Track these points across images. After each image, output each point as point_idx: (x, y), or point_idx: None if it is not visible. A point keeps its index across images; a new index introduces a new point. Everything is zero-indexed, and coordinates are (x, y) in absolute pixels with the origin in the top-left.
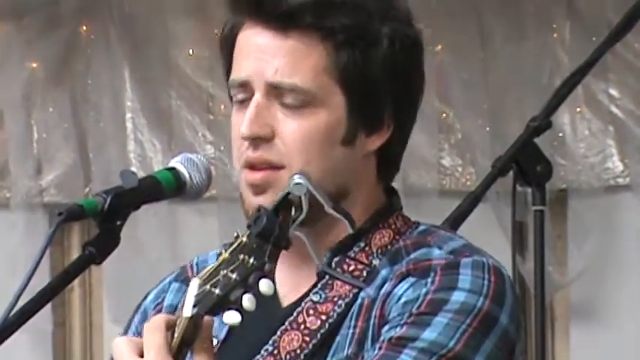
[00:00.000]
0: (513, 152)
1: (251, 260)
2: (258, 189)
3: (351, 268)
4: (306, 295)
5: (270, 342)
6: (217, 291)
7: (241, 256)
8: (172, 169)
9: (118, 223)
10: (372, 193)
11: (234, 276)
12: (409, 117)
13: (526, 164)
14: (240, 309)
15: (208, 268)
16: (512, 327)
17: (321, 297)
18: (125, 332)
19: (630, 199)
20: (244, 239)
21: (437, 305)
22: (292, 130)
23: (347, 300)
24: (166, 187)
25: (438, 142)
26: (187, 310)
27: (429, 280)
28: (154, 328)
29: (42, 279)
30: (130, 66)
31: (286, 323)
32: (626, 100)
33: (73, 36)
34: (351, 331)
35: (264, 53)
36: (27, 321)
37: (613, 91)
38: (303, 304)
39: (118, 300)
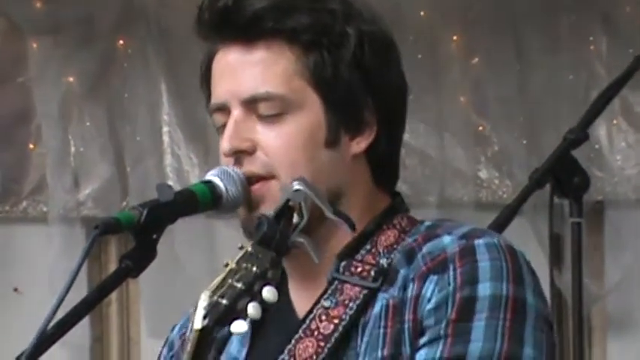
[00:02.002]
0: (551, 164)
1: (254, 268)
2: (252, 204)
3: (359, 269)
4: (318, 301)
5: (286, 351)
6: (224, 301)
7: (245, 265)
8: (208, 182)
9: (155, 236)
10: (370, 195)
11: (239, 285)
12: (394, 117)
13: (563, 176)
14: (246, 318)
15: (217, 279)
16: (539, 303)
17: (332, 302)
18: None
19: None
20: (249, 248)
21: (468, 308)
22: (272, 139)
23: (358, 302)
24: (202, 200)
25: (474, 154)
26: (197, 323)
27: (451, 274)
28: None
29: (79, 293)
30: (167, 80)
31: (300, 331)
32: None
33: (110, 50)
34: (381, 331)
35: (235, 71)
36: (64, 334)
37: None
38: (315, 310)
39: (155, 314)
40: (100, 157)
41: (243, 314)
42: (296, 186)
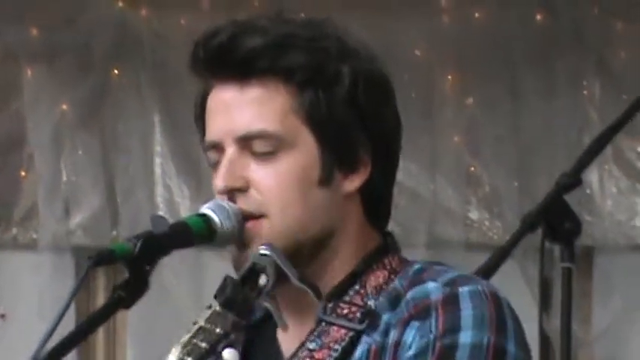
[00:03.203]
0: (542, 208)
1: (217, 329)
2: (244, 241)
3: (345, 311)
4: (304, 343)
5: None
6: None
7: (209, 325)
8: (203, 216)
9: (148, 268)
10: (362, 235)
11: (203, 345)
12: (388, 155)
13: (555, 221)
14: None
15: (186, 336)
16: (520, 353)
17: (317, 344)
18: None
19: None
20: (217, 308)
21: (448, 356)
22: (266, 177)
23: (343, 344)
24: (197, 234)
25: (465, 195)
26: None
27: (432, 322)
28: None
29: (67, 319)
30: (160, 111)
31: None
32: None
33: (104, 80)
34: None
35: (229, 109)
36: None
37: None
38: (300, 352)
39: (141, 343)
40: (92, 186)
41: None
42: (262, 250)
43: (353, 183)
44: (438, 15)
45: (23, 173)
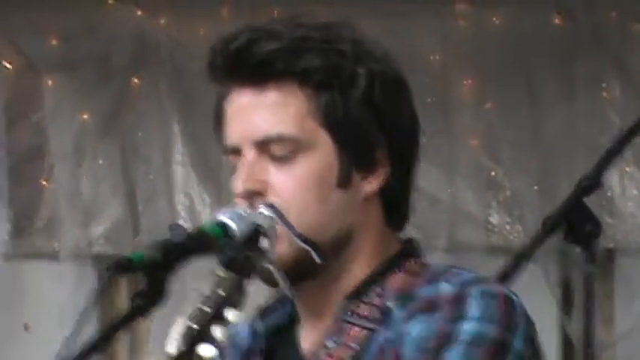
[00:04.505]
0: (563, 211)
1: (220, 292)
2: None
3: (365, 312)
4: (323, 343)
5: None
6: (195, 325)
7: (214, 290)
8: (221, 223)
9: (166, 276)
10: (382, 237)
11: (208, 310)
12: (406, 156)
13: (576, 223)
14: (212, 341)
15: (193, 305)
16: (528, 351)
17: (335, 343)
18: None
19: None
20: (220, 273)
21: (449, 339)
22: (284, 180)
23: (360, 343)
24: (215, 242)
25: (485, 199)
26: (171, 347)
27: (439, 315)
28: None
29: (89, 330)
30: (180, 119)
31: None
32: None
33: (125, 88)
34: None
35: (247, 113)
36: None
37: None
38: (319, 351)
39: (164, 352)
40: (112, 195)
41: (209, 338)
42: (261, 209)
43: (371, 184)
44: (454, 19)
45: (44, 183)
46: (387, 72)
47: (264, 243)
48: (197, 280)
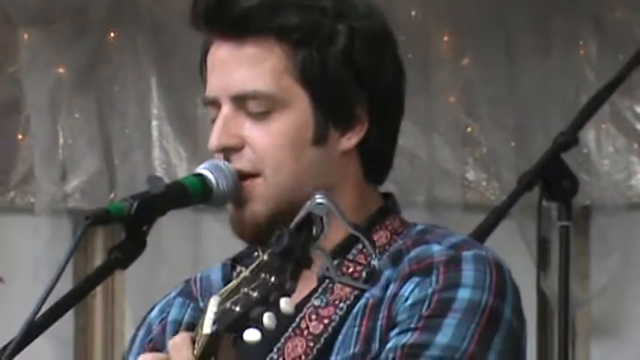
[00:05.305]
0: (540, 167)
1: (272, 279)
2: (241, 200)
3: (351, 270)
4: (307, 300)
5: (275, 350)
6: (238, 308)
7: (262, 275)
8: (199, 175)
9: (144, 228)
10: (361, 193)
11: (255, 294)
12: (389, 111)
13: (552, 180)
14: (260, 327)
15: (228, 286)
16: (515, 320)
17: (322, 301)
18: (131, 345)
19: None
20: (265, 258)
21: (444, 306)
22: (260, 136)
23: (348, 302)
24: (193, 193)
25: (462, 156)
26: (207, 327)
27: (433, 278)
28: (181, 345)
29: (64, 283)
30: (157, 73)
31: (289, 330)
32: None
33: (101, 42)
34: (356, 329)
35: (225, 66)
36: (50, 326)
37: (638, 109)
38: (305, 309)
39: (140, 306)
40: (89, 149)
41: (256, 323)
42: (318, 199)
43: (350, 141)
44: None
45: (20, 137)
46: (369, 28)
47: (316, 230)
48: (173, 234)
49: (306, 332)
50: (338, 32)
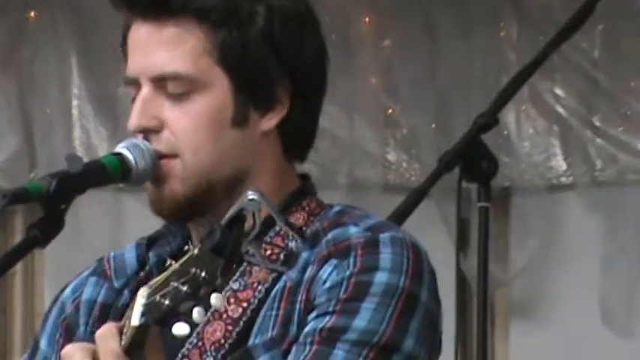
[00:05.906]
0: (460, 148)
1: (202, 274)
2: (159, 179)
3: (268, 252)
4: (226, 283)
5: (194, 334)
6: (167, 302)
7: (192, 270)
8: (118, 154)
9: (63, 206)
10: (280, 174)
11: (184, 288)
12: (311, 91)
13: (472, 160)
14: (189, 321)
15: (157, 278)
16: (432, 302)
17: (240, 284)
18: (44, 324)
19: (573, 199)
20: (195, 252)
21: (362, 289)
22: (179, 118)
23: (267, 285)
24: (112, 172)
25: (383, 137)
26: (135, 319)
27: (351, 260)
28: (109, 335)
29: None
30: (77, 53)
31: (208, 314)
32: (571, 100)
33: (21, 22)
34: (274, 312)
35: (145, 47)
36: None
37: (558, 91)
38: (223, 293)
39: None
40: (9, 128)
41: (186, 317)
42: (250, 195)
43: (270, 122)
44: None
45: None
46: (289, 8)
47: (247, 226)
48: (93, 214)
49: (225, 316)
50: (256, 13)
